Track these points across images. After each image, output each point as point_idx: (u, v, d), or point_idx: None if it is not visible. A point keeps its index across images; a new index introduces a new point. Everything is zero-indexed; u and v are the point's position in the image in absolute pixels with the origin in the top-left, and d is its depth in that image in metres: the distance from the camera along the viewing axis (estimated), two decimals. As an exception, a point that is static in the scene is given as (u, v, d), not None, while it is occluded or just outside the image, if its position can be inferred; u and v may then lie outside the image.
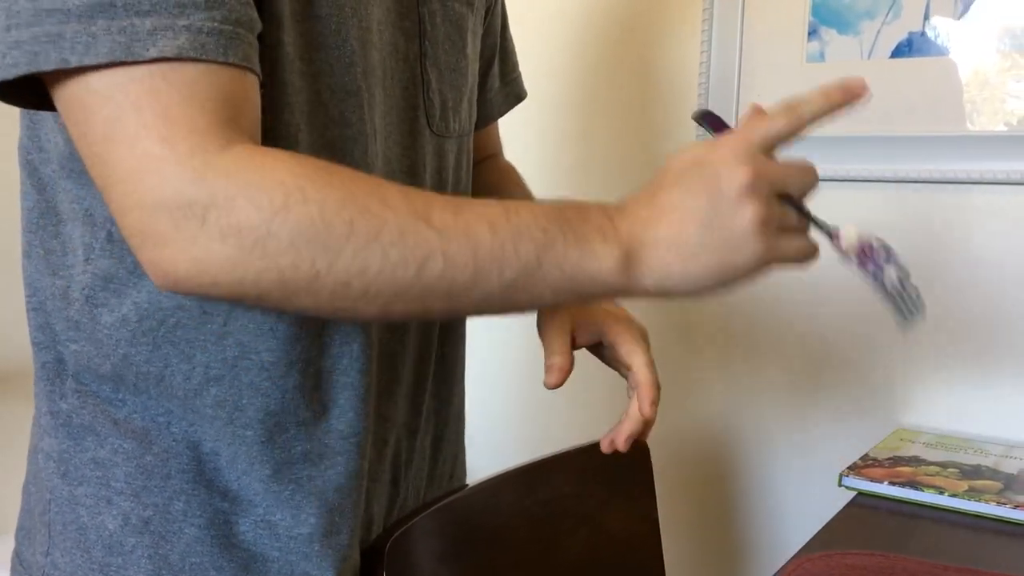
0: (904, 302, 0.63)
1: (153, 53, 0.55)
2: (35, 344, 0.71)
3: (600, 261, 0.61)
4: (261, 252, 0.56)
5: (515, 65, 0.99)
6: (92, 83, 0.56)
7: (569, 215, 0.61)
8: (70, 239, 0.67)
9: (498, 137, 1.02)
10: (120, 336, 0.66)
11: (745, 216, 0.60)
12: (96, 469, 0.68)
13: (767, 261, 0.61)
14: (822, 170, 1.44)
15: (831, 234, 0.64)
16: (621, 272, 0.61)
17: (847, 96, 0.62)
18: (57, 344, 0.69)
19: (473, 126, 0.88)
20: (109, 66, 0.56)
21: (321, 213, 0.56)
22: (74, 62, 0.55)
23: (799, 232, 0.63)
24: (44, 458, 0.70)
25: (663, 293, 0.63)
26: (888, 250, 0.64)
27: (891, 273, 0.63)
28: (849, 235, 0.64)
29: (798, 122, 0.62)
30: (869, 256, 0.63)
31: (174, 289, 0.59)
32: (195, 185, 0.55)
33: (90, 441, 0.68)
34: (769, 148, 0.62)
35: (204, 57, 0.56)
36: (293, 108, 0.66)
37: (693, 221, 0.60)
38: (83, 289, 0.67)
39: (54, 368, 0.69)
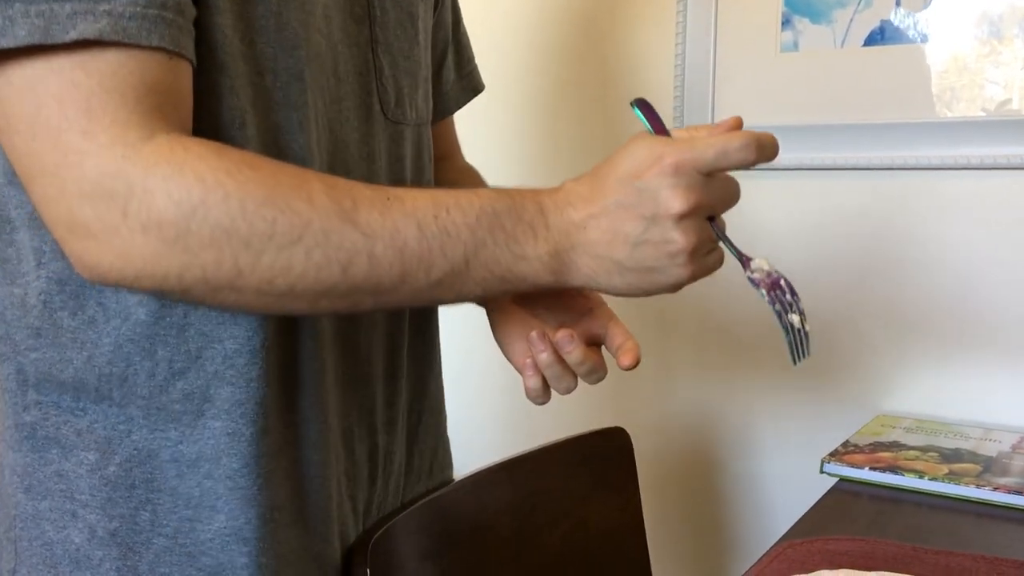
0: (799, 344, 0.67)
1: (73, 36, 0.54)
2: None
3: (529, 262, 0.63)
4: (183, 248, 0.56)
5: (470, 58, 0.99)
6: (11, 76, 0.56)
7: (501, 211, 0.63)
8: (23, 246, 0.66)
9: (455, 137, 1.01)
10: (85, 338, 0.65)
11: (677, 244, 0.62)
12: (60, 482, 0.67)
13: (689, 281, 0.64)
14: (799, 159, 1.45)
15: (743, 261, 0.67)
16: (549, 272, 0.64)
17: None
18: (18, 354, 0.68)
19: (430, 116, 0.88)
20: (28, 56, 0.55)
21: (242, 211, 0.56)
22: None
23: (714, 246, 0.66)
24: (9, 473, 0.69)
25: (594, 290, 0.66)
26: (794, 292, 0.67)
27: (794, 317, 0.67)
28: (760, 266, 0.67)
29: (741, 162, 0.63)
30: (777, 291, 0.67)
31: (100, 281, 0.59)
32: (114, 177, 0.55)
33: (54, 453, 0.67)
34: (711, 171, 0.63)
35: (126, 41, 0.56)
36: (237, 92, 0.65)
37: (624, 241, 0.63)
38: (39, 295, 0.65)
39: (16, 379, 0.68)
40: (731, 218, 0.68)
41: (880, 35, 1.26)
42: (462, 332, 1.17)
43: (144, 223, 0.56)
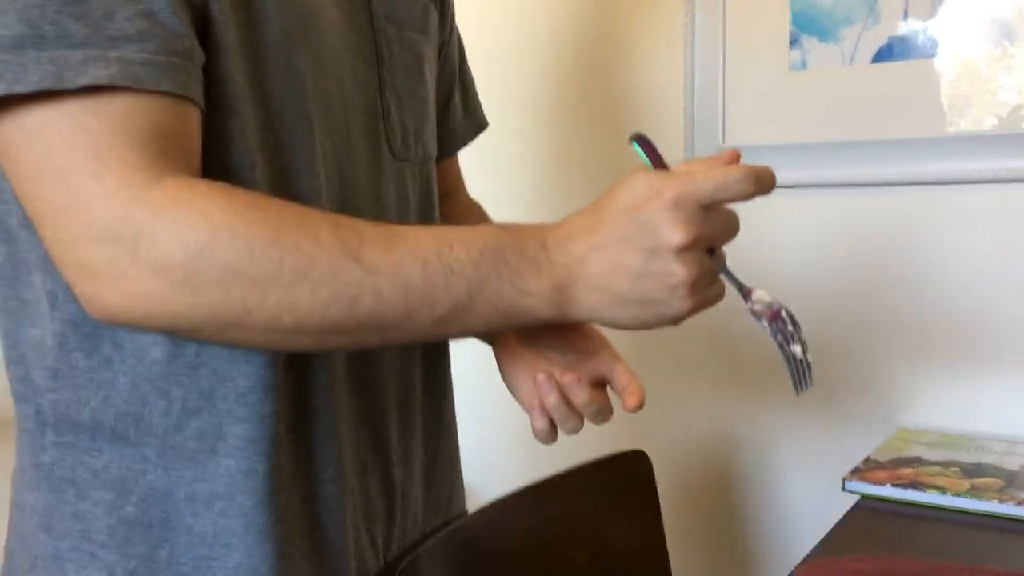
0: (801, 375, 0.67)
1: (84, 81, 0.55)
2: (17, 397, 0.70)
3: (532, 297, 0.64)
4: (191, 289, 0.57)
5: (475, 95, 1.00)
6: (23, 120, 0.57)
7: (504, 247, 0.63)
8: (38, 288, 0.67)
9: (459, 173, 1.02)
10: (101, 379, 0.66)
11: (677, 277, 0.62)
12: (77, 523, 0.67)
13: (690, 314, 0.65)
14: (810, 177, 1.45)
15: (744, 292, 0.68)
16: (552, 306, 0.64)
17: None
18: (37, 395, 0.68)
19: (435, 153, 0.89)
20: (40, 100, 0.56)
21: (250, 251, 0.58)
22: (2, 90, 0.55)
23: (715, 279, 0.66)
24: (30, 513, 0.70)
25: (597, 323, 0.67)
26: (795, 322, 0.67)
27: (796, 347, 0.67)
28: (761, 298, 0.68)
29: (740, 194, 0.63)
30: (779, 322, 0.67)
31: (110, 322, 0.60)
32: (123, 221, 0.56)
33: (71, 494, 0.67)
34: (710, 204, 0.63)
35: (136, 86, 0.57)
36: (247, 135, 0.66)
37: (625, 274, 0.63)
38: (55, 336, 0.66)
39: (35, 420, 0.69)
40: (746, 236, 0.69)
41: (888, 51, 1.27)
42: (477, 356, 1.17)
43: (153, 266, 0.57)
